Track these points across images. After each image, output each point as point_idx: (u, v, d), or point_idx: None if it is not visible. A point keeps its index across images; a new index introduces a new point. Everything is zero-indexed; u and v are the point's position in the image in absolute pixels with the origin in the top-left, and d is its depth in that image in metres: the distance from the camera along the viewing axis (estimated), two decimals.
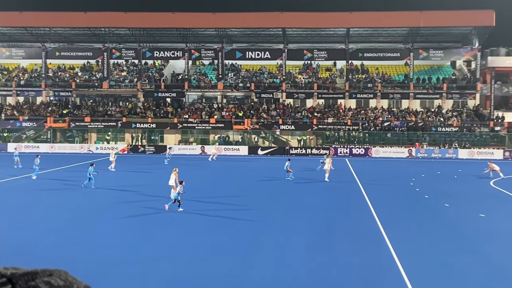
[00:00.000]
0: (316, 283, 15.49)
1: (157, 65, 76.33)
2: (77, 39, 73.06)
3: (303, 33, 70.06)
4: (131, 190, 33.15)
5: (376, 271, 16.68)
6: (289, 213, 26.07)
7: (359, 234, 21.82)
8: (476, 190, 34.72)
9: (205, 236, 21.00)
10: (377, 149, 60.00)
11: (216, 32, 69.23)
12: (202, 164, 49.13)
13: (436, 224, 23.79)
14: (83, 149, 62.42)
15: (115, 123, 65.99)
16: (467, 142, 61.41)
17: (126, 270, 16.43)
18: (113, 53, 70.86)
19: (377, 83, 68.53)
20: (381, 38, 71.24)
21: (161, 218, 24.63)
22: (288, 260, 17.85)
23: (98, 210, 26.54)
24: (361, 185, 35.71)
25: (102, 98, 71.76)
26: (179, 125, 65.36)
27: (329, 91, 68.92)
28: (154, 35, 71.35)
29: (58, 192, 31.97)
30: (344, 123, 64.52)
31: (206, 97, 71.82)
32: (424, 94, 68.06)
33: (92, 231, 21.83)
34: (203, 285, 15.22)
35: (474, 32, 67.04)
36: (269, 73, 72.88)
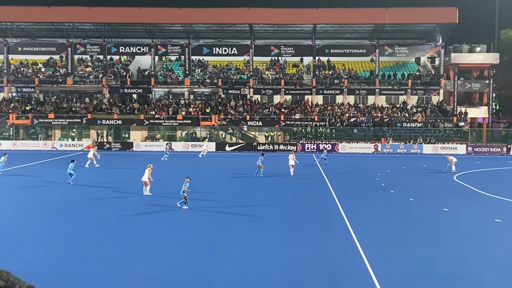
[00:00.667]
0: (281, 276, 15.52)
1: (123, 61, 75.45)
2: (40, 34, 71.66)
3: (270, 29, 70.10)
4: (105, 187, 32.75)
5: (342, 264, 16.82)
6: (255, 208, 26.07)
7: (326, 228, 21.97)
8: (440, 185, 35.29)
9: (172, 232, 20.87)
10: (343, 144, 60.45)
11: (183, 28, 68.78)
12: (172, 161, 48.76)
13: (401, 218, 24.10)
14: (47, 146, 61.34)
15: (80, 119, 65.01)
16: (431, 137, 62.32)
17: (87, 269, 16.21)
18: (77, 49, 69.76)
19: (344, 79, 69.00)
20: (347, 34, 71.76)
21: (126, 215, 24.39)
22: (253, 254, 17.85)
23: (60, 207, 26.13)
24: (328, 180, 35.94)
25: (66, 94, 70.60)
26: (146, 121, 64.74)
27: (296, 87, 69.14)
28: (120, 30, 70.49)
29: (21, 190, 31.38)
30: (311, 119, 64.82)
31: (172, 93, 71.30)
32: (390, 90, 68.80)
33: (54, 229, 21.49)
34: (166, 282, 15.11)
35: (438, 29, 68.02)
36: (236, 69, 72.73)
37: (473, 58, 71.13)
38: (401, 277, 15.62)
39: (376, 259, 17.27)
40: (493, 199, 29.78)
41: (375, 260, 17.13)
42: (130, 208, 25.74)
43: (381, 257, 17.60)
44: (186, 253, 17.93)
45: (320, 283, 15.08)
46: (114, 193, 30.37)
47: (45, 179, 35.66)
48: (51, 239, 19.75)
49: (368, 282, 15.20)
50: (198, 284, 14.86)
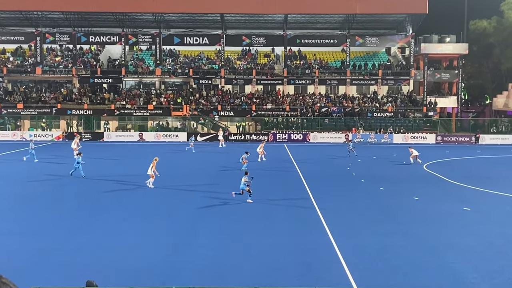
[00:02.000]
0: (253, 265, 15.62)
1: (93, 50, 74.51)
2: (8, 22, 70.28)
3: (241, 19, 69.90)
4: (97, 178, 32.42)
5: (314, 253, 16.97)
6: (228, 200, 26.12)
7: (297, 216, 22.14)
8: (410, 174, 35.77)
9: (146, 223, 20.82)
10: (315, 134, 60.79)
11: (154, 17, 68.17)
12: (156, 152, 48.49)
13: (372, 208, 24.40)
14: (16, 137, 60.43)
15: (50, 109, 64.12)
16: (401, 127, 63.07)
17: (61, 260, 16.10)
18: (46, 38, 68.63)
19: (315, 69, 69.26)
20: (318, 24, 71.98)
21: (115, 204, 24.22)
22: (224, 244, 17.92)
23: (36, 198, 25.84)
24: (299, 170, 36.15)
25: (35, 84, 69.52)
26: (116, 111, 64.16)
27: (268, 77, 69.17)
28: (90, 19, 69.52)
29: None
30: (283, 109, 65.00)
31: (143, 83, 70.73)
32: (360, 80, 69.30)
33: (30, 220, 21.26)
34: (145, 272, 15.09)
35: (408, 19, 68.68)
36: (208, 59, 72.43)
37: (443, 49, 72.04)
38: (372, 266, 15.85)
39: (347, 248, 17.49)
40: (462, 188, 30.32)
41: (346, 249, 17.34)
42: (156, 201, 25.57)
43: (352, 246, 17.82)
44: (156, 243, 17.91)
45: (292, 272, 15.21)
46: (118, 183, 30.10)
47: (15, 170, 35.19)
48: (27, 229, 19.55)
49: (339, 270, 15.38)
50: (172, 271, 14.87)
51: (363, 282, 14.40)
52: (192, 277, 14.58)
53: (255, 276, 14.69)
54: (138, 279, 14.21)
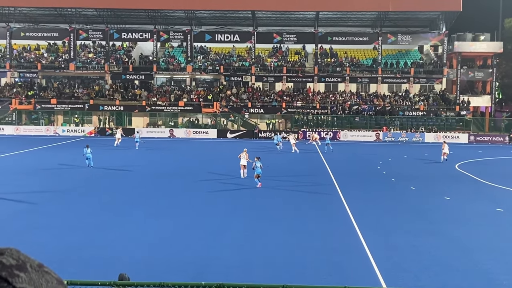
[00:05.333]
0: (283, 264, 15.62)
1: (125, 47, 75.25)
2: (43, 19, 71.42)
3: (272, 16, 69.79)
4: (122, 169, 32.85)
5: (343, 253, 16.90)
6: (258, 197, 26.18)
7: (327, 216, 22.06)
8: (442, 173, 35.31)
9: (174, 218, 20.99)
10: (345, 132, 60.46)
11: (185, 14, 68.50)
12: (172, 147, 48.83)
13: (402, 207, 24.17)
14: (49, 132, 61.44)
15: (82, 105, 65.02)
16: (433, 126, 62.31)
17: (92, 253, 16.32)
18: (80, 34, 69.56)
19: (346, 67, 68.80)
20: (350, 22, 71.44)
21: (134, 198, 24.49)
22: (254, 243, 17.95)
23: (66, 192, 26.25)
24: (329, 168, 35.99)
25: (68, 80, 70.57)
26: (148, 108, 64.75)
27: (298, 74, 68.97)
28: (122, 16, 70.22)
29: (31, 174, 31.48)
30: (313, 107, 64.76)
31: (174, 79, 71.20)
32: (392, 78, 68.60)
33: (61, 215, 21.62)
34: (175, 268, 15.22)
35: (441, 17, 67.71)
36: (239, 56, 72.53)
37: (477, 47, 70.84)
38: (402, 266, 15.71)
39: (377, 247, 17.36)
40: (495, 188, 29.83)
41: (375, 248, 17.22)
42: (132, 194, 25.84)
43: (382, 245, 17.69)
44: (185, 238, 18.03)
45: (321, 270, 15.17)
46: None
47: (60, 162, 35.79)
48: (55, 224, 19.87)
49: (369, 270, 15.29)
50: (201, 267, 14.96)
51: (392, 281, 14.29)
52: (220, 273, 14.64)
53: (284, 274, 14.68)
54: (168, 274, 14.33)
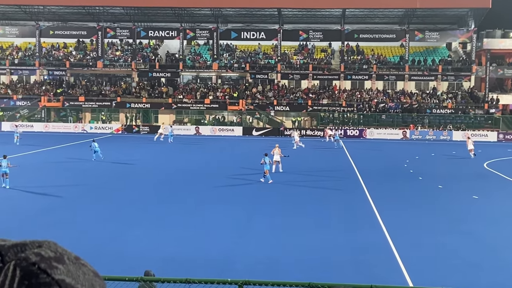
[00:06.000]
0: (307, 261, 15.58)
1: (152, 45, 75.77)
2: (72, 17, 72.30)
3: (298, 14, 69.58)
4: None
5: (370, 251, 16.79)
6: (283, 194, 26.16)
7: (352, 214, 21.94)
8: (470, 172, 34.83)
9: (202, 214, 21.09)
10: (371, 130, 60.04)
11: (211, 12, 68.68)
12: (201, 144, 49.08)
13: (429, 205, 23.93)
14: (77, 129, 62.22)
15: (110, 102, 65.68)
16: (461, 124, 61.51)
17: (118, 249, 16.49)
18: (107, 32, 70.23)
19: (372, 65, 68.29)
20: (377, 19, 70.87)
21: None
22: (279, 238, 17.94)
23: (97, 187, 26.56)
24: (355, 166, 35.78)
25: (96, 77, 71.35)
26: (174, 105, 65.13)
27: (324, 72, 68.68)
28: (149, 14, 70.71)
29: (59, 169, 31.93)
30: (339, 105, 64.43)
31: (200, 77, 71.49)
32: (419, 76, 67.91)
33: (87, 210, 21.88)
34: (201, 264, 15.29)
35: (470, 13, 66.74)
36: (264, 54, 72.49)
37: (506, 44, 69.72)
38: (430, 265, 15.55)
39: (404, 246, 17.21)
40: None
41: (402, 247, 17.07)
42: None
43: (409, 244, 17.53)
44: (213, 235, 18.11)
45: (347, 269, 15.10)
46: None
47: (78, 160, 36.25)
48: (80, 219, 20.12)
49: (396, 268, 15.18)
50: (227, 264, 15.01)
51: (420, 281, 14.16)
52: (246, 270, 14.67)
53: (309, 271, 14.65)
54: (194, 271, 14.40)
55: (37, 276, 0.94)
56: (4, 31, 71.37)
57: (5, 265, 0.95)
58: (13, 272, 0.94)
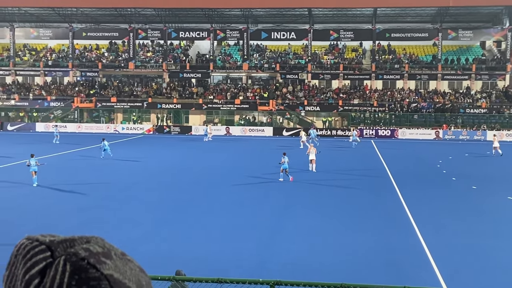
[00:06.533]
0: (340, 263, 15.44)
1: (183, 46, 76.27)
2: (104, 19, 73.19)
3: (329, 13, 69.19)
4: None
5: (402, 253, 16.56)
6: (315, 194, 26.01)
7: (384, 215, 21.68)
8: (505, 173, 34.12)
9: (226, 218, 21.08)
10: (403, 130, 59.37)
11: (242, 13, 68.76)
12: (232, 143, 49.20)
13: (463, 206, 23.52)
14: (110, 129, 62.95)
15: (141, 103, 66.31)
16: (496, 123, 60.39)
17: (149, 249, 16.57)
18: (139, 34, 70.93)
19: (404, 64, 67.54)
20: (409, 18, 70.00)
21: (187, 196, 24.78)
22: (311, 240, 17.82)
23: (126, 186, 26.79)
24: (387, 167, 35.39)
25: (128, 78, 72.10)
26: (204, 105, 65.41)
27: (355, 72, 68.18)
28: (180, 15, 71.13)
29: (93, 169, 32.33)
30: (370, 104, 63.90)
31: (231, 78, 71.67)
32: (453, 75, 66.91)
33: (122, 209, 22.07)
34: (232, 265, 15.28)
35: (505, 11, 65.48)
36: (295, 54, 72.32)
37: None
38: (463, 267, 15.27)
39: (437, 247, 16.93)
40: None
41: (435, 248, 16.80)
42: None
43: (442, 246, 17.23)
44: (242, 239, 18.08)
45: (379, 270, 14.91)
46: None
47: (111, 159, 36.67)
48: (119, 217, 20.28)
49: (429, 270, 14.93)
50: (258, 264, 14.95)
51: (453, 283, 13.90)
52: (277, 271, 14.60)
53: (341, 272, 14.51)
54: (225, 270, 14.38)
55: (87, 271, 0.97)
56: (38, 33, 72.62)
57: (55, 260, 0.98)
58: (63, 266, 0.97)
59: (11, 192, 25.62)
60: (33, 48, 76.45)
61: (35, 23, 74.33)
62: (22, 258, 0.99)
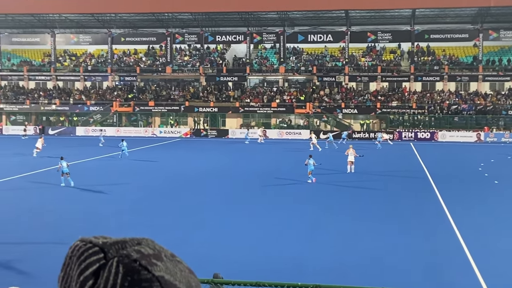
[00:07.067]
0: (378, 266, 15.13)
1: (219, 49, 76.60)
2: (142, 24, 74.07)
3: (366, 15, 68.52)
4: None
5: (442, 256, 16.15)
6: (352, 196, 25.67)
7: (423, 218, 21.23)
8: None
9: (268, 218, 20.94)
10: (443, 133, 58.33)
11: (278, 15, 68.67)
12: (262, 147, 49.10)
13: (505, 210, 22.87)
14: (147, 133, 63.58)
15: (178, 107, 66.80)
16: None
17: (187, 251, 16.54)
18: (176, 38, 71.52)
19: (444, 65, 66.39)
20: (448, 18, 68.76)
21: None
22: (350, 243, 17.54)
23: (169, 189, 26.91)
24: (427, 170, 34.72)
25: (165, 82, 72.74)
26: (241, 109, 65.50)
27: (394, 74, 67.32)
28: (216, 19, 71.43)
29: (131, 172, 32.64)
30: (409, 107, 62.98)
31: (267, 81, 71.60)
32: (494, 76, 65.48)
33: (161, 211, 22.15)
34: (269, 268, 15.13)
35: None
36: (331, 56, 71.86)
37: None
38: (506, 272, 14.78)
39: (478, 251, 16.45)
40: None
41: (477, 252, 16.32)
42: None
43: (484, 249, 16.74)
44: (279, 240, 17.91)
45: (418, 274, 14.55)
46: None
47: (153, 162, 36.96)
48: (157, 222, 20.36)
49: (470, 274, 14.50)
50: (296, 267, 14.76)
51: (495, 286, 13.45)
52: (315, 274, 14.37)
53: (379, 277, 14.21)
54: (264, 274, 14.23)
55: (139, 273, 0.98)
56: (78, 39, 73.92)
57: (109, 261, 1.00)
58: (116, 268, 0.99)
59: (51, 193, 26.06)
60: (73, 54, 77.86)
61: (75, 29, 75.70)
62: (76, 259, 1.01)
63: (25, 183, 28.93)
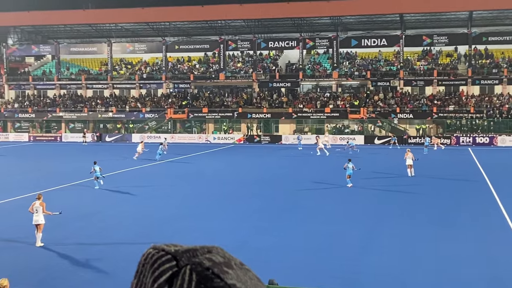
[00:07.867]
0: (437, 277, 14.71)
1: (272, 56, 76.71)
2: (195, 32, 75.00)
3: (421, 18, 67.29)
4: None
5: (505, 266, 15.56)
6: (409, 201, 25.14)
7: (483, 226, 20.54)
8: None
9: (320, 225, 20.72)
10: (503, 137, 56.55)
11: (331, 21, 68.25)
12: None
13: None
14: (201, 139, 64.19)
15: (231, 113, 67.17)
16: None
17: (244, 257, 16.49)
18: (229, 45, 72.01)
19: (503, 68, 64.40)
20: (507, 20, 66.73)
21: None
22: (405, 250, 17.13)
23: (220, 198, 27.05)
24: (486, 176, 33.67)
25: (218, 89, 73.31)
26: (294, 114, 65.31)
27: (450, 77, 65.75)
28: (269, 25, 71.57)
29: (189, 179, 33.00)
30: (467, 111, 61.36)
31: (320, 86, 71.17)
32: None
33: (211, 219, 22.24)
34: (325, 274, 14.95)
35: None
36: (386, 61, 70.86)
37: None
38: None
39: None
40: None
41: None
42: None
43: None
44: (337, 246, 17.67)
45: (479, 286, 14.04)
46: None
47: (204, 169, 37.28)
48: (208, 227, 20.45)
49: None
50: (352, 275, 14.52)
51: None
52: (371, 282, 14.10)
53: (438, 286, 13.80)
54: (319, 281, 14.05)
55: (212, 281, 0.99)
56: (134, 47, 75.40)
57: (181, 269, 1.02)
58: (189, 276, 1.00)
59: (110, 199, 26.61)
60: (129, 62, 79.53)
61: (131, 38, 77.34)
62: (150, 267, 1.03)
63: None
